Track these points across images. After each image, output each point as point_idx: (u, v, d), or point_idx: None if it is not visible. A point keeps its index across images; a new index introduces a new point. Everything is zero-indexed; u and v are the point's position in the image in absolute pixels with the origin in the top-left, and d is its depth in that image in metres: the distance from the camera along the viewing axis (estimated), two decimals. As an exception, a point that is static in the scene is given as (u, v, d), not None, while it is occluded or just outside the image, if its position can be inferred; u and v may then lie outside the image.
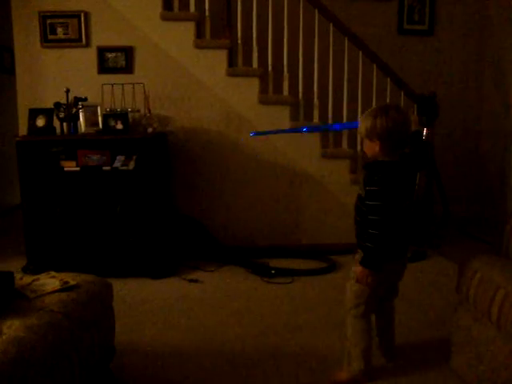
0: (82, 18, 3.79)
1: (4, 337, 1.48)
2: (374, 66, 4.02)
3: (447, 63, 4.92)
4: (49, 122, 3.46)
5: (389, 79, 4.05)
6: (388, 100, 4.06)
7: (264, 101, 3.91)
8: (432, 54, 4.89)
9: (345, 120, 4.05)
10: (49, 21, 3.79)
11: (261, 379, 2.16)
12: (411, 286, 3.24)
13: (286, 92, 3.97)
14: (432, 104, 3.93)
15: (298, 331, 2.60)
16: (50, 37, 3.82)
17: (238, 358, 2.34)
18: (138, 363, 2.28)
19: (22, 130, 3.70)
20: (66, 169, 3.36)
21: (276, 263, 3.57)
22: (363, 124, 2.01)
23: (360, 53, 3.98)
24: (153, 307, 2.93)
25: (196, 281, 3.34)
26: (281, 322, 2.71)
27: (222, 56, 3.86)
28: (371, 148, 2.02)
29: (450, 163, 4.68)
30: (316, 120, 4.02)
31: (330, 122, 4.02)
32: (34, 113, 3.47)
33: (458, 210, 4.43)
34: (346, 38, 3.95)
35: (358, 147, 4.08)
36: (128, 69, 3.86)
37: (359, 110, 4.06)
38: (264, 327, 2.65)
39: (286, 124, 3.92)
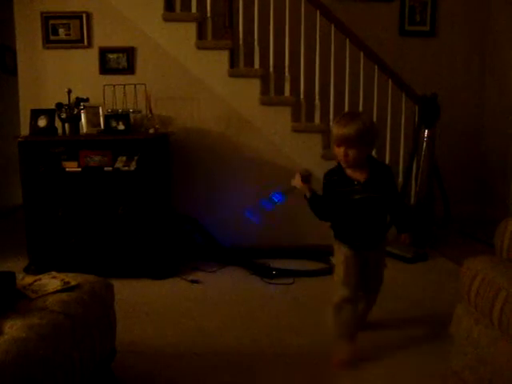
0: (84, 19, 3.80)
1: (6, 337, 1.49)
2: (376, 67, 4.02)
3: (449, 64, 4.93)
4: (51, 122, 3.46)
5: (390, 80, 4.05)
6: (390, 100, 4.06)
7: (265, 102, 3.91)
8: (434, 54, 4.90)
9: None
10: (51, 21, 3.81)
11: (260, 380, 2.16)
12: (412, 287, 3.24)
13: (287, 93, 3.97)
14: (433, 105, 3.93)
15: (298, 332, 2.60)
16: (52, 37, 3.83)
17: (238, 358, 2.34)
18: (138, 363, 2.28)
19: (24, 130, 3.71)
20: (67, 169, 3.36)
21: (277, 264, 3.56)
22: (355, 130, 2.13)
23: (361, 54, 3.98)
24: (154, 308, 2.93)
25: (197, 281, 3.34)
26: (281, 323, 2.71)
27: (223, 57, 3.86)
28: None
29: (451, 164, 4.68)
30: (317, 121, 4.02)
31: (331, 122, 4.02)
32: (35, 113, 3.48)
33: (459, 210, 4.43)
34: (348, 39, 3.95)
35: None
36: (130, 69, 3.87)
37: (360, 110, 4.06)
38: (264, 328, 2.65)
39: (288, 125, 3.92)
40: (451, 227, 4.25)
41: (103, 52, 3.86)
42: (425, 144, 3.95)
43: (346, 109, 4.04)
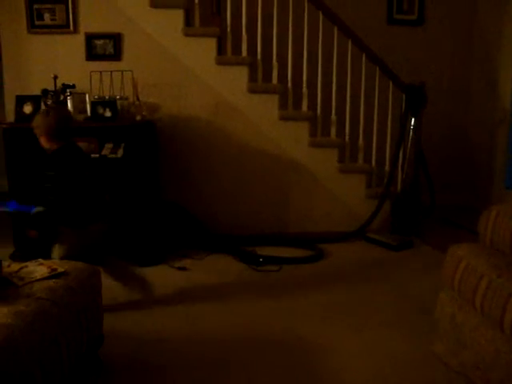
0: (70, 4, 3.74)
1: (-8, 323, 1.49)
2: (363, 56, 4.02)
3: (436, 53, 4.94)
4: (36, 108, 3.42)
5: (378, 68, 4.06)
6: (377, 89, 4.07)
7: (253, 89, 3.90)
8: (421, 43, 4.90)
9: (333, 109, 4.05)
10: (35, 6, 3.74)
11: (245, 365, 2.18)
12: (397, 274, 3.28)
13: (274, 81, 3.96)
14: (420, 94, 3.95)
15: (284, 319, 2.62)
16: (37, 22, 3.77)
17: (225, 344, 2.36)
18: (126, 349, 2.29)
19: (9, 116, 3.66)
20: (53, 156, 3.34)
21: (264, 251, 3.58)
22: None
23: (349, 42, 3.98)
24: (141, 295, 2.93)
25: (184, 268, 3.35)
26: (268, 310, 2.73)
27: (211, 44, 3.84)
28: None
29: (437, 152, 4.71)
30: (305, 108, 4.03)
31: (318, 110, 4.03)
32: (21, 99, 3.44)
33: (444, 198, 4.47)
34: (336, 27, 3.94)
35: (346, 136, 4.10)
36: (116, 56, 3.83)
37: (347, 98, 4.07)
38: (251, 315, 2.67)
39: (275, 112, 3.93)
40: (436, 215, 4.30)
41: (89, 38, 3.81)
42: (411, 132, 3.97)
43: (334, 96, 4.04)
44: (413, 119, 3.96)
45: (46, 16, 3.77)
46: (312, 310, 2.72)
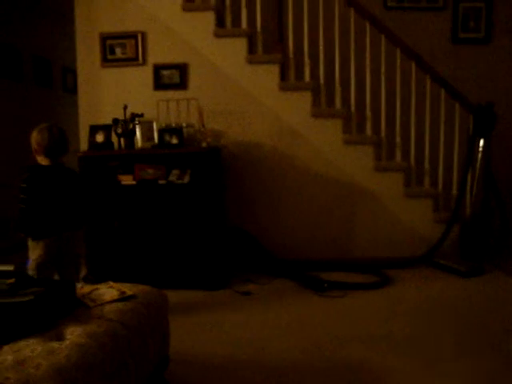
0: (139, 38, 3.95)
1: (67, 342, 1.55)
2: (428, 77, 3.95)
3: (505, 71, 4.78)
4: (107, 137, 3.60)
5: (443, 90, 3.98)
6: (443, 110, 3.98)
7: (316, 114, 3.92)
8: (489, 62, 4.77)
9: (398, 132, 4.00)
10: (108, 42, 3.98)
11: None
12: (467, 303, 3.14)
13: (338, 105, 3.97)
14: (489, 114, 3.83)
15: (350, 346, 2.56)
16: (109, 57, 4.00)
17: (289, 371, 2.33)
18: (191, 373, 2.31)
19: (83, 145, 3.87)
20: (123, 182, 3.48)
21: (328, 277, 3.54)
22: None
23: (413, 63, 3.93)
24: (206, 319, 2.96)
25: (248, 293, 3.37)
26: (333, 336, 2.68)
27: (274, 70, 3.91)
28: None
29: (509, 174, 4.52)
30: (369, 132, 3.99)
31: (382, 133, 3.98)
32: (94, 129, 3.63)
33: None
34: (399, 49, 3.92)
35: (412, 160, 4.02)
36: (182, 85, 3.98)
37: (412, 121, 4.01)
38: (316, 341, 2.63)
39: (339, 137, 3.92)
40: (509, 240, 4.10)
41: (157, 69, 3.99)
42: (480, 154, 3.85)
43: (398, 119, 3.99)
44: (481, 140, 3.84)
45: (118, 50, 3.99)
46: (378, 337, 2.65)
